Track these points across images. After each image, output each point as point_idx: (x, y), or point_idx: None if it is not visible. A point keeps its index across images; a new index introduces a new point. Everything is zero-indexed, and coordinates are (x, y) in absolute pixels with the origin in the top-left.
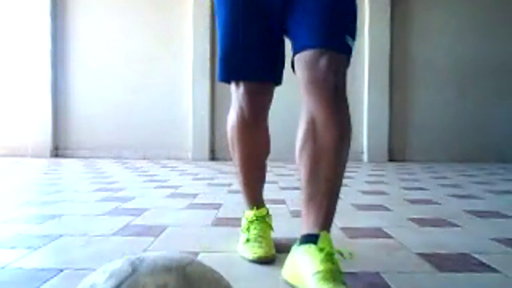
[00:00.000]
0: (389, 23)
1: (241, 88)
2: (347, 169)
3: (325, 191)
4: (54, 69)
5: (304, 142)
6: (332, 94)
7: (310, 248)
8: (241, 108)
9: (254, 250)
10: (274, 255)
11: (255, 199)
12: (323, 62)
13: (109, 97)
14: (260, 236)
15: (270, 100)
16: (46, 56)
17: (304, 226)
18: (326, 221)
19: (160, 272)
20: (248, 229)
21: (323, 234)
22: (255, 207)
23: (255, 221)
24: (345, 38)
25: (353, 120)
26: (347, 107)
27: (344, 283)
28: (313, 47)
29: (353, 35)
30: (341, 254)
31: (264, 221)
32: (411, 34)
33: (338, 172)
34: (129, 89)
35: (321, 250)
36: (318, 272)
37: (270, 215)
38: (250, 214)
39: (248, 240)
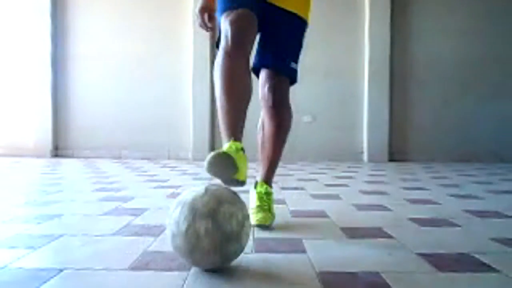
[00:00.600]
0: (389, 23)
1: (233, 14)
2: (347, 169)
3: (267, 161)
4: (54, 69)
5: (259, 130)
6: (271, 105)
7: (252, 190)
8: (226, 37)
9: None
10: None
11: (234, 129)
12: (268, 84)
13: (109, 97)
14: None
15: (253, 36)
16: (46, 56)
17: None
18: (266, 176)
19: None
20: None
21: (260, 183)
22: (232, 138)
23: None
24: (290, 63)
25: (354, 120)
26: (287, 109)
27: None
28: (267, 67)
29: (296, 61)
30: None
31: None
32: (411, 34)
33: (277, 150)
34: (129, 89)
35: (258, 192)
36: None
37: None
38: (226, 146)
39: None
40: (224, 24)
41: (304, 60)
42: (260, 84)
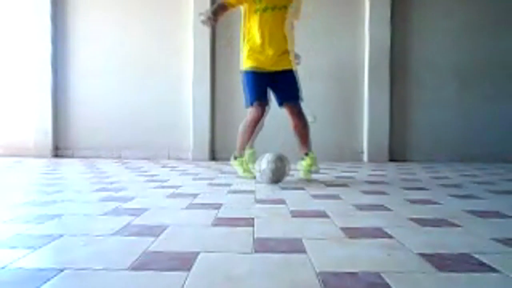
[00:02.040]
0: (389, 23)
1: (256, 103)
2: (347, 169)
3: (301, 145)
4: (54, 70)
5: (293, 128)
6: (297, 116)
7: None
8: (255, 112)
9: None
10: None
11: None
12: (291, 109)
13: (110, 98)
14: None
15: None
16: (46, 56)
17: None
18: (303, 149)
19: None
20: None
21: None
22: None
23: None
24: (298, 98)
25: (354, 120)
26: (303, 116)
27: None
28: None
29: (300, 96)
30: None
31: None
32: (411, 33)
33: (306, 139)
34: (129, 89)
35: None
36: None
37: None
38: (247, 152)
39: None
40: (254, 107)
41: (304, 60)
42: (288, 110)
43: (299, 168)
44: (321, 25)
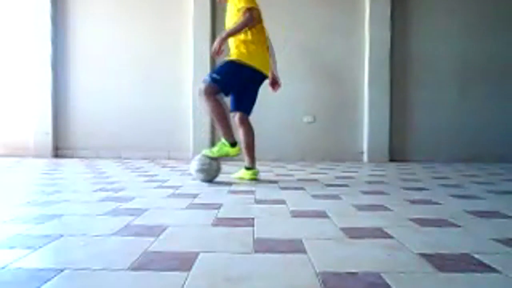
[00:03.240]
0: (389, 23)
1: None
2: (347, 169)
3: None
4: (54, 70)
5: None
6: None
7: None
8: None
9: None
10: None
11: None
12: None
13: (110, 98)
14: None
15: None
16: (46, 57)
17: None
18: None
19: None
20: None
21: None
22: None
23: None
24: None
25: (354, 120)
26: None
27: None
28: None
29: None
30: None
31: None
32: (411, 34)
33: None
34: (130, 89)
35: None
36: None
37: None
38: (233, 150)
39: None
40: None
41: (305, 60)
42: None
43: (236, 176)
44: (321, 25)
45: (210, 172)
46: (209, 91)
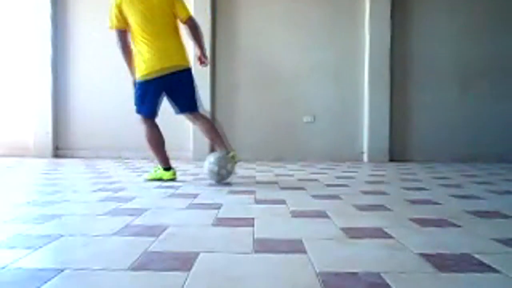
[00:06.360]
0: (389, 23)
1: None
2: (347, 169)
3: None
4: (54, 70)
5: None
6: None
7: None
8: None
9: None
10: None
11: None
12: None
13: (110, 97)
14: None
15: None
16: (46, 57)
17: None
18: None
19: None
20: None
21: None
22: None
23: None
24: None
25: (354, 120)
26: (200, 115)
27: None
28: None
29: (197, 105)
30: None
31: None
32: (411, 34)
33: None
34: (130, 89)
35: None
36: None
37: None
38: (167, 173)
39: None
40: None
41: (305, 60)
42: (189, 118)
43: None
44: (321, 25)
45: (224, 177)
46: (141, 121)
